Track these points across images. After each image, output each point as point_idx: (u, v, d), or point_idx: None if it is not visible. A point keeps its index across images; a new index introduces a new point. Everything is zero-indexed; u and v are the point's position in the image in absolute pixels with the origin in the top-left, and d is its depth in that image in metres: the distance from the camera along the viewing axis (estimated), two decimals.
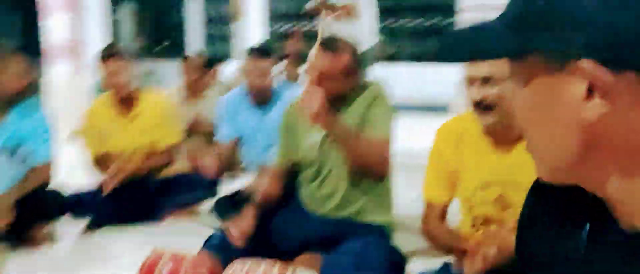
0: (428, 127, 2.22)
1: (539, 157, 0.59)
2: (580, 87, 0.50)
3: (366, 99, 2.19)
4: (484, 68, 1.60)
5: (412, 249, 2.34)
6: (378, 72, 4.17)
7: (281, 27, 10.62)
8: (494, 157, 1.74)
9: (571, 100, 0.51)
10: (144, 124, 3.11)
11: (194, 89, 4.19)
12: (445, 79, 8.13)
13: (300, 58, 5.06)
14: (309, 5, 4.85)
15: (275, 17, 10.46)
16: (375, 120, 2.15)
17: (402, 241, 2.34)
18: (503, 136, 1.72)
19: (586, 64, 0.49)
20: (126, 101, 3.10)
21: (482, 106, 1.64)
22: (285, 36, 10.29)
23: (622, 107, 0.50)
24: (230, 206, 2.92)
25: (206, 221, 3.02)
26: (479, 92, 1.63)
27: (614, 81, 0.49)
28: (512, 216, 1.73)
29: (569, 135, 0.53)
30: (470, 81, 1.66)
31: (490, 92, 1.62)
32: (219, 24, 11.80)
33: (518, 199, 1.69)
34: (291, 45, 10.41)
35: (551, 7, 0.51)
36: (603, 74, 0.49)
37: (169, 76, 9.60)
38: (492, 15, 0.58)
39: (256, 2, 7.69)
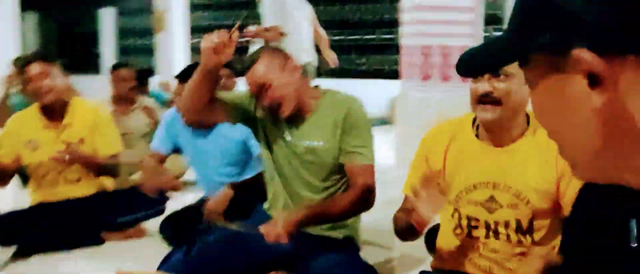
0: None
1: (569, 157, 0.58)
2: (582, 78, 0.51)
3: (338, 110, 2.06)
4: None
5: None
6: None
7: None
8: (485, 159, 1.72)
9: (578, 92, 0.52)
10: (77, 133, 2.83)
11: (124, 101, 3.95)
12: (372, 94, 8.31)
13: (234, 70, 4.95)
14: (248, 29, 5.02)
15: (196, 30, 10.24)
16: (360, 144, 2.05)
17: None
18: (500, 134, 1.70)
19: (582, 53, 0.50)
20: (55, 109, 2.82)
21: (488, 100, 1.61)
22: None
23: (627, 90, 0.50)
24: (180, 225, 2.74)
25: (154, 242, 2.81)
26: (487, 85, 1.61)
27: (612, 66, 0.49)
28: (500, 218, 1.71)
29: (586, 128, 0.53)
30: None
31: (499, 86, 1.60)
32: (134, 36, 11.40)
33: (507, 200, 1.68)
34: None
35: (541, 5, 0.53)
36: (599, 61, 0.49)
37: (81, 91, 9.10)
38: (431, 29, 0.55)
39: (177, 15, 7.46)
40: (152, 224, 2.94)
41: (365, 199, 2.07)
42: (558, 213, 1.66)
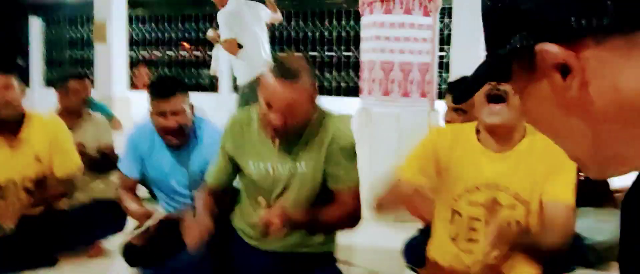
0: None
1: (575, 158, 0.58)
2: (554, 73, 0.51)
3: (327, 132, 1.97)
4: None
5: None
6: None
7: (139, 53, 10.12)
8: (487, 162, 1.75)
9: (554, 88, 0.52)
10: (34, 150, 2.66)
11: (72, 114, 3.73)
12: None
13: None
14: (208, 35, 5.03)
15: (135, 42, 9.95)
16: (344, 166, 1.96)
17: None
18: (503, 138, 1.73)
19: (544, 46, 0.50)
20: (11, 124, 2.63)
21: (495, 94, 1.63)
22: (136, 63, 9.83)
23: (593, 73, 0.50)
24: (145, 245, 2.57)
25: (114, 262, 2.64)
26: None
27: (576, 52, 0.50)
28: (501, 218, 1.71)
29: (572, 122, 0.53)
30: None
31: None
32: (61, 48, 10.92)
33: (508, 202, 1.72)
34: (140, 75, 9.97)
35: (498, 14, 0.54)
36: (563, 49, 0.50)
37: None
38: (391, 45, 0.56)
39: (116, 27, 7.23)
40: (113, 244, 2.77)
41: (354, 216, 2.01)
42: None
